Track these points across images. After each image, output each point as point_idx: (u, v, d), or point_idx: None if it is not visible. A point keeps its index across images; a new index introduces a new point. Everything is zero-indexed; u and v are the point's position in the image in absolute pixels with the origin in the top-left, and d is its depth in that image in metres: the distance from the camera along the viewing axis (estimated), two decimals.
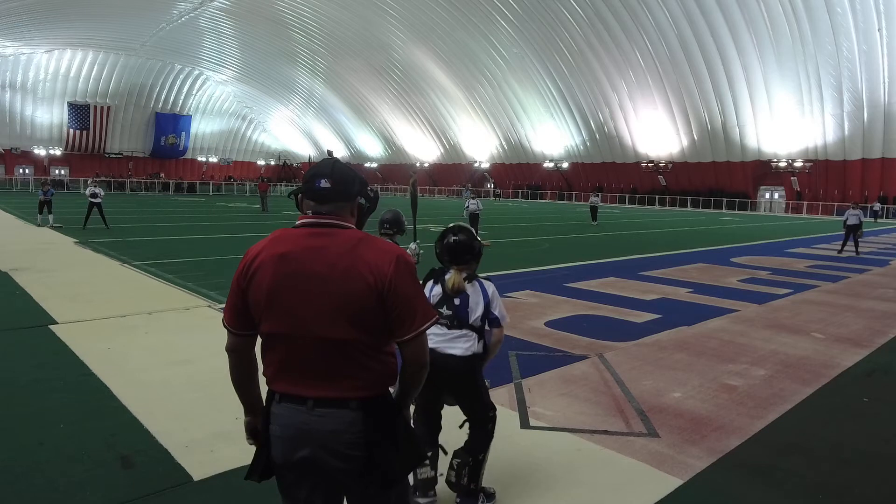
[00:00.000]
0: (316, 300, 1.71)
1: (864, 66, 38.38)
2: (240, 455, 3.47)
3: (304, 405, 1.75)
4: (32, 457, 3.41)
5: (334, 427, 1.73)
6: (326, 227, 1.77)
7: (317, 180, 1.78)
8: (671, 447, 3.78)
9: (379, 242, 1.79)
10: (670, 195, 52.07)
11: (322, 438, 1.74)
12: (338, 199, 1.79)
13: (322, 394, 1.74)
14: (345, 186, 1.80)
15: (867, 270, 13.17)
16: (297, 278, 1.72)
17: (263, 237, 1.85)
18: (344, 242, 1.74)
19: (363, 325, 1.72)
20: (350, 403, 1.74)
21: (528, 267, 12.01)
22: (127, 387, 4.57)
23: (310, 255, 1.73)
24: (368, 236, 1.81)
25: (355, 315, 1.70)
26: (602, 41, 47.20)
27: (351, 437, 1.74)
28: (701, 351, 6.07)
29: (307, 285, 1.71)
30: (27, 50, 61.79)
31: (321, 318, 1.71)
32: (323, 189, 1.77)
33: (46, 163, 68.46)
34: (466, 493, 2.99)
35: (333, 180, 1.78)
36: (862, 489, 3.37)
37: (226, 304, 1.88)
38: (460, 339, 2.89)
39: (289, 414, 1.77)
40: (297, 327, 1.73)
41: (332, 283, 1.70)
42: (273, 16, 56.72)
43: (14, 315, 6.78)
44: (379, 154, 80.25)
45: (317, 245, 1.74)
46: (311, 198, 1.80)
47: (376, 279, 1.70)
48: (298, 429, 1.75)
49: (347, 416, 1.73)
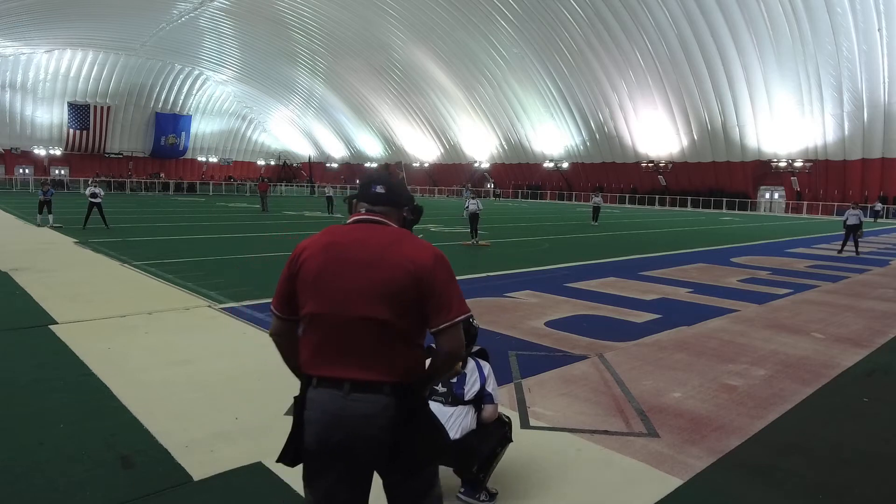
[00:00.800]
0: (359, 282, 1.84)
1: (864, 66, 38.38)
2: (240, 455, 3.47)
3: (341, 389, 1.83)
4: (32, 457, 3.41)
5: (368, 411, 1.82)
6: (375, 223, 1.96)
7: (373, 185, 2.00)
8: (671, 447, 3.78)
9: (419, 240, 1.95)
10: (670, 195, 52.08)
11: (356, 423, 1.82)
12: (388, 204, 2.00)
13: (358, 376, 1.83)
14: (395, 195, 2.02)
15: (867, 270, 13.17)
16: (343, 262, 1.87)
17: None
18: (389, 235, 1.92)
19: (400, 310, 1.83)
20: (384, 388, 1.83)
21: (528, 267, 12.01)
22: (127, 387, 4.57)
23: (356, 243, 1.90)
24: (410, 234, 1.98)
25: (394, 298, 1.82)
26: (602, 41, 47.21)
27: (383, 422, 1.82)
28: (701, 351, 6.07)
29: (352, 269, 1.86)
30: (27, 50, 61.82)
31: (362, 298, 1.83)
32: (377, 193, 1.99)
33: (46, 163, 68.50)
34: (472, 482, 3.02)
35: (387, 188, 2.01)
36: (862, 489, 3.37)
37: (275, 292, 2.01)
38: (456, 420, 2.94)
39: (326, 399, 1.85)
40: (340, 306, 1.85)
41: (374, 269, 1.84)
42: (273, 16, 56.72)
43: (14, 315, 6.78)
44: (379, 154, 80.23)
45: (364, 235, 1.91)
46: (365, 200, 2.01)
47: (416, 269, 1.83)
48: (335, 414, 1.83)
49: (381, 401, 1.82)
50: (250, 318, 6.81)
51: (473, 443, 2.97)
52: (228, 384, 4.71)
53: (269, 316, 6.38)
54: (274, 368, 5.13)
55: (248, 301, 7.75)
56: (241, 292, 8.30)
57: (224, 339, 6.06)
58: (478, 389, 2.99)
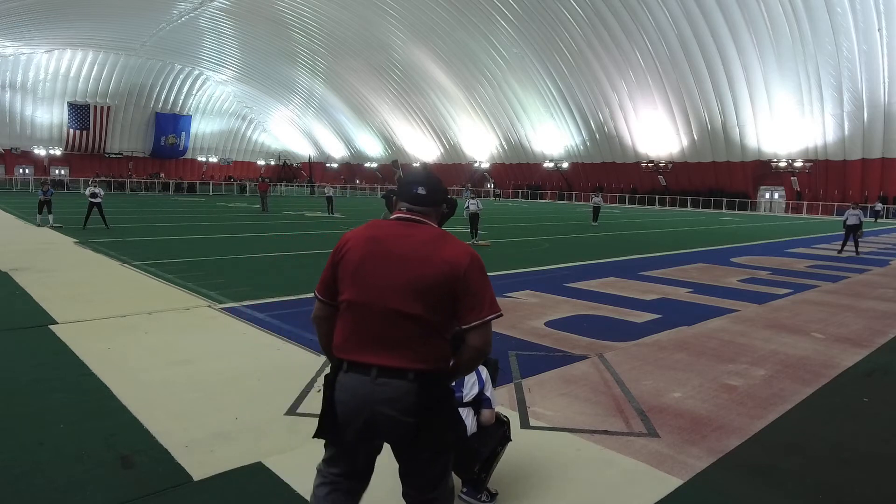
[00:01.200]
0: (396, 276, 1.97)
1: (864, 66, 38.38)
2: (240, 455, 3.47)
3: (369, 375, 1.97)
4: (32, 457, 3.41)
5: (392, 395, 1.96)
6: (415, 222, 2.09)
7: (415, 186, 2.12)
8: (671, 447, 3.78)
9: (457, 241, 2.07)
10: (670, 195, 52.08)
11: (380, 404, 1.96)
12: (428, 204, 2.13)
13: (385, 362, 1.97)
14: (436, 194, 2.15)
15: (867, 270, 13.17)
16: (383, 256, 2.01)
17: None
18: (428, 234, 2.05)
19: (432, 305, 1.96)
20: (408, 374, 1.96)
21: (528, 267, 12.01)
22: (127, 387, 4.56)
23: (397, 239, 2.03)
24: (448, 234, 2.10)
25: (427, 294, 1.95)
26: (602, 41, 47.21)
27: (404, 405, 1.95)
28: (701, 351, 6.07)
29: (390, 263, 1.99)
30: (27, 50, 61.82)
31: (397, 291, 1.96)
32: (419, 195, 2.11)
33: (46, 163, 68.52)
34: (473, 482, 3.04)
35: (428, 188, 2.13)
36: (862, 489, 3.37)
37: (320, 277, 2.17)
38: None
39: (354, 384, 1.99)
40: (375, 297, 1.98)
41: (412, 265, 1.97)
42: (273, 16, 56.73)
43: (14, 315, 6.78)
44: (379, 154, 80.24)
45: (404, 233, 2.05)
46: (407, 200, 2.13)
47: (452, 269, 1.96)
48: (363, 397, 1.98)
49: (404, 387, 1.96)
50: (250, 318, 6.81)
51: (474, 444, 2.98)
52: (228, 384, 4.71)
53: (270, 316, 6.38)
54: (274, 368, 5.14)
55: (248, 301, 7.75)
56: (241, 292, 8.30)
57: (224, 339, 6.06)
58: (476, 393, 3.02)
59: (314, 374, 4.92)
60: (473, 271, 1.98)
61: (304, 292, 8.44)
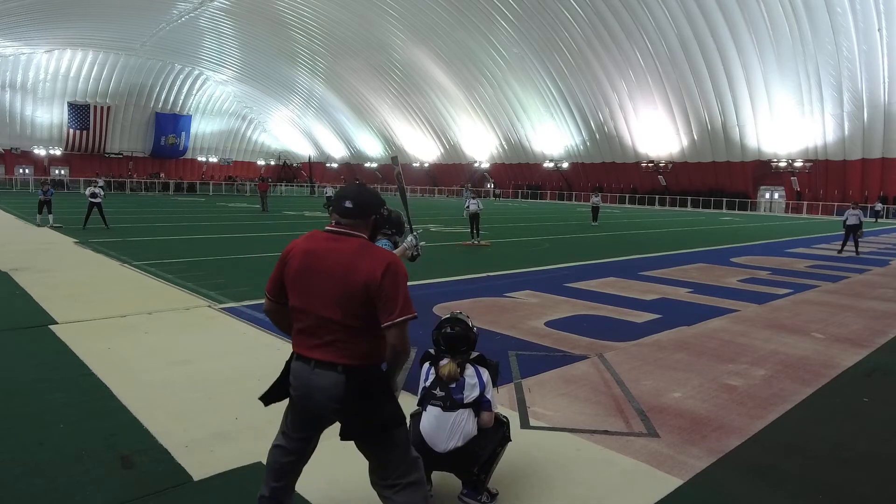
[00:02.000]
0: (321, 288, 2.31)
1: (864, 66, 38.38)
2: (240, 455, 3.47)
3: (309, 365, 2.36)
4: (32, 457, 3.41)
5: (325, 384, 2.33)
6: (342, 234, 2.37)
7: (343, 200, 2.39)
8: (671, 447, 3.78)
9: (376, 250, 2.34)
10: (670, 195, 52.08)
11: (318, 391, 2.35)
12: (355, 217, 2.38)
13: (320, 357, 2.34)
14: (363, 207, 2.39)
15: (867, 270, 13.16)
16: (313, 270, 2.33)
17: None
18: (351, 247, 2.33)
19: (352, 313, 2.28)
20: (338, 367, 2.31)
21: (528, 267, 12.01)
22: (127, 387, 4.56)
23: (326, 253, 2.33)
24: (369, 245, 2.37)
25: (347, 303, 2.27)
26: (602, 41, 47.21)
27: (334, 394, 2.32)
28: (701, 351, 6.07)
29: (318, 276, 2.32)
30: (27, 50, 61.82)
31: (324, 301, 2.31)
32: (346, 208, 2.39)
33: (46, 163, 68.51)
34: (473, 484, 3.04)
35: (355, 202, 2.39)
36: (862, 489, 3.37)
37: (270, 278, 2.52)
38: (458, 426, 2.95)
39: (299, 370, 2.41)
40: (308, 304, 2.35)
41: (335, 279, 2.29)
42: (273, 16, 56.73)
43: (14, 315, 6.78)
44: (379, 154, 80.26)
45: (331, 247, 2.34)
46: (337, 212, 2.41)
47: (368, 279, 2.24)
48: (304, 383, 2.39)
49: (333, 378, 2.31)
50: (250, 318, 6.81)
51: (475, 446, 2.98)
52: (228, 384, 4.71)
53: None
54: (274, 368, 5.14)
55: (247, 301, 7.75)
56: (241, 292, 8.30)
57: (224, 339, 6.06)
58: (476, 395, 3.02)
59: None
60: (387, 278, 2.23)
61: None
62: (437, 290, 9.00)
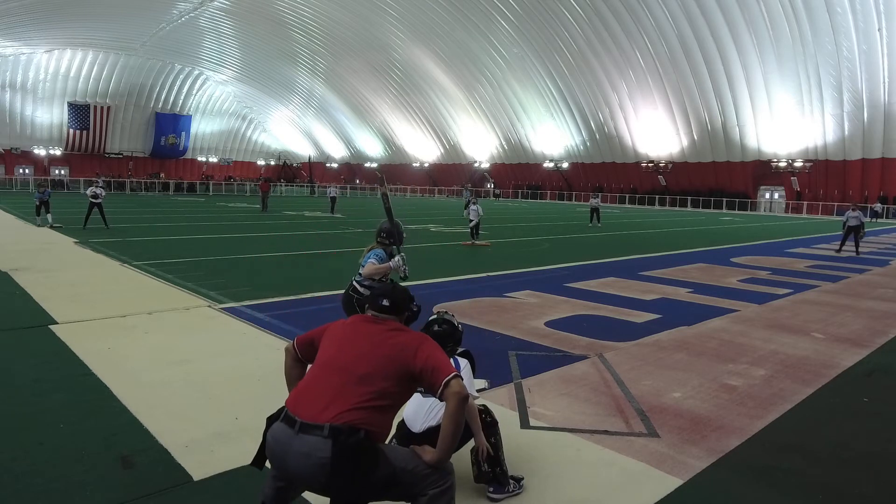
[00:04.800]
0: (358, 345, 2.40)
1: (864, 66, 38.39)
2: (239, 455, 3.47)
3: (293, 428, 2.18)
4: (32, 457, 3.41)
5: (307, 450, 2.12)
6: (383, 320, 2.52)
7: (381, 299, 2.55)
8: (671, 447, 3.78)
9: (410, 333, 2.47)
10: (670, 195, 52.08)
11: (297, 457, 2.15)
12: (391, 313, 2.54)
13: (310, 418, 2.17)
14: (398, 306, 2.56)
15: (867, 270, 13.16)
16: (355, 333, 2.46)
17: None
18: (389, 325, 2.49)
19: (382, 373, 2.29)
20: (324, 429, 2.12)
21: (528, 267, 12.01)
22: (127, 387, 4.56)
23: (368, 324, 2.50)
24: (405, 329, 2.52)
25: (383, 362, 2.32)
26: (602, 41, 47.21)
27: (316, 461, 2.11)
28: (701, 351, 6.07)
29: (357, 337, 2.44)
30: (27, 50, 61.81)
31: (357, 359, 2.34)
32: (383, 305, 2.54)
33: (46, 163, 68.50)
34: (495, 481, 3.12)
35: (391, 301, 2.55)
36: (862, 489, 3.37)
37: (305, 335, 2.64)
38: (434, 410, 3.03)
39: (279, 432, 2.23)
40: (338, 358, 2.37)
41: (373, 341, 2.40)
42: (273, 16, 56.74)
43: (14, 315, 6.77)
44: (379, 154, 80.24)
45: (371, 323, 2.51)
46: (373, 308, 2.55)
47: (402, 349, 2.35)
48: (282, 446, 2.20)
49: (319, 443, 2.11)
50: (250, 318, 6.81)
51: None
52: (228, 384, 4.71)
53: (270, 316, 6.37)
54: (274, 369, 5.14)
55: (248, 301, 7.75)
56: (241, 292, 8.30)
57: (224, 339, 6.06)
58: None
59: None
60: (425, 351, 2.34)
61: (304, 292, 8.44)
62: (438, 289, 9.00)
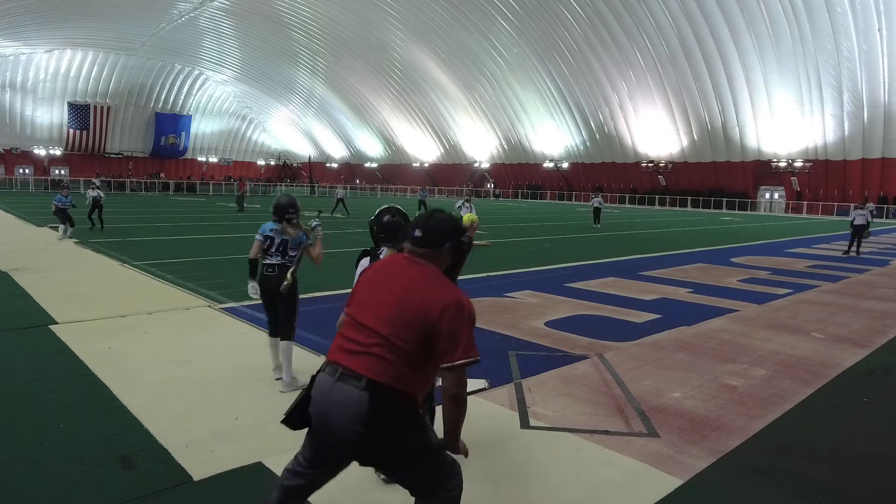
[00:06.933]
0: (379, 301, 2.15)
1: (864, 66, 38.37)
2: (240, 455, 3.48)
3: (334, 375, 2.11)
4: (32, 457, 3.41)
5: (345, 400, 2.04)
6: (415, 262, 2.22)
7: (413, 229, 2.25)
8: (671, 447, 3.78)
9: (445, 283, 2.16)
10: (670, 195, 52.05)
11: (335, 407, 2.07)
12: (426, 246, 2.22)
13: (349, 365, 2.08)
14: (434, 238, 2.23)
15: (867, 270, 13.16)
16: (379, 283, 2.21)
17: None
18: (419, 273, 2.18)
19: (402, 336, 2.07)
20: (362, 380, 2.04)
21: (528, 267, 12.01)
22: (127, 387, 4.57)
23: (397, 270, 2.22)
24: (440, 276, 2.20)
25: (401, 327, 2.07)
26: (602, 41, 47.19)
27: (354, 412, 2.02)
28: (701, 351, 6.07)
29: (380, 290, 2.18)
30: (27, 50, 61.76)
31: (377, 315, 2.12)
32: (415, 237, 2.24)
33: (46, 163, 68.44)
34: None
35: (424, 231, 2.23)
36: (862, 489, 3.37)
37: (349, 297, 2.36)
38: None
39: (322, 381, 2.15)
40: (361, 314, 2.17)
41: (393, 297, 2.13)
42: (273, 16, 56.70)
43: (14, 315, 6.77)
44: (379, 154, 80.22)
45: (403, 267, 2.22)
46: (409, 241, 2.26)
47: (427, 310, 2.06)
48: (323, 394, 2.12)
49: (356, 394, 2.03)
50: (250, 318, 6.81)
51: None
52: (228, 384, 4.71)
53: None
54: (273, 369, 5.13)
55: (247, 301, 7.74)
56: (241, 292, 8.27)
57: (224, 339, 6.06)
58: None
59: (314, 374, 4.92)
60: (451, 316, 2.05)
61: (304, 292, 8.43)
62: None
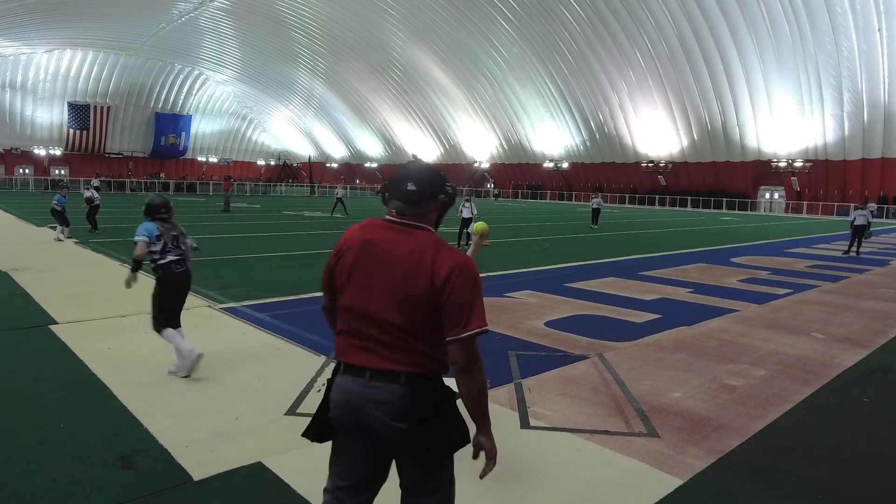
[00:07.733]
0: (381, 286, 1.93)
1: (864, 66, 38.37)
2: (240, 455, 3.47)
3: (363, 377, 1.94)
4: (32, 457, 3.41)
5: (386, 398, 1.91)
6: (407, 226, 1.98)
7: (405, 182, 1.99)
8: (671, 447, 3.78)
9: (446, 248, 1.96)
10: (670, 195, 52.05)
11: (373, 408, 1.92)
12: (422, 200, 1.99)
13: (378, 365, 1.93)
14: (429, 190, 2.00)
15: (867, 270, 13.16)
16: (372, 264, 1.96)
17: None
18: (419, 242, 1.94)
19: (414, 320, 1.90)
20: (401, 377, 1.91)
21: (528, 267, 12.01)
22: (127, 387, 4.57)
23: (387, 246, 1.95)
24: (440, 242, 1.97)
25: (410, 310, 1.90)
26: (602, 41, 47.20)
27: (398, 410, 1.90)
28: (701, 351, 6.07)
29: (377, 272, 1.95)
30: (27, 50, 61.78)
31: (383, 302, 1.92)
32: (409, 191, 1.98)
33: (46, 163, 68.45)
34: None
35: (419, 183, 1.98)
36: (862, 489, 3.37)
37: (323, 271, 2.13)
38: None
39: (349, 385, 1.97)
40: (364, 306, 1.95)
41: (395, 277, 1.91)
42: (273, 16, 56.71)
43: (14, 315, 6.77)
44: (379, 154, 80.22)
45: (394, 240, 1.96)
46: (398, 198, 1.99)
47: (434, 280, 1.88)
48: (356, 399, 1.95)
49: (398, 390, 1.91)
50: (250, 318, 6.81)
51: None
52: (228, 384, 4.71)
53: (270, 316, 6.37)
54: (274, 368, 5.14)
55: (247, 301, 7.75)
56: (241, 292, 8.29)
57: (224, 339, 6.06)
58: None
59: (314, 374, 4.92)
60: (458, 283, 1.87)
61: (304, 292, 8.43)
62: None
